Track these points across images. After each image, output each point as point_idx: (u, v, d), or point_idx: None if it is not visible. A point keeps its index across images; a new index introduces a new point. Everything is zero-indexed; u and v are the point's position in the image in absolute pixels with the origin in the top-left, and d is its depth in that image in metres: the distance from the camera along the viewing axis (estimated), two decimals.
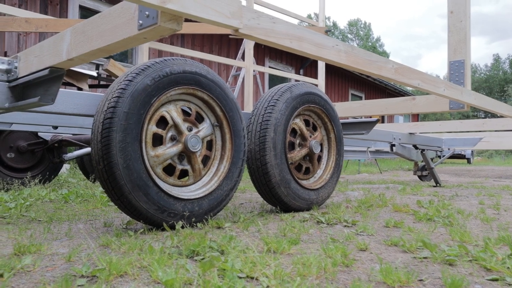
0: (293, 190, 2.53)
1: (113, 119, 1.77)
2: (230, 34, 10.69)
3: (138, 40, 1.08)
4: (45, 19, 4.05)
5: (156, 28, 0.98)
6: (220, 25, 1.05)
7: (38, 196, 3.09)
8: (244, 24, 1.11)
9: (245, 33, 1.12)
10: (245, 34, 1.13)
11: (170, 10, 0.94)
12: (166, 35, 1.02)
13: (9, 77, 1.76)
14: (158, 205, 1.87)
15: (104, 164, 1.77)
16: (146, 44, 4.12)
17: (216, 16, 1.03)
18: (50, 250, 1.55)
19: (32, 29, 3.90)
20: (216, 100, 2.13)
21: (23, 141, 3.72)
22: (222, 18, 1.04)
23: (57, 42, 1.43)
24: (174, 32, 1.00)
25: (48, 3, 7.66)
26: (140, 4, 0.91)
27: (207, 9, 1.01)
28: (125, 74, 1.87)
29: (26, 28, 3.83)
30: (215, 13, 1.03)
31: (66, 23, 4.28)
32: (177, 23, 0.99)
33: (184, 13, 0.97)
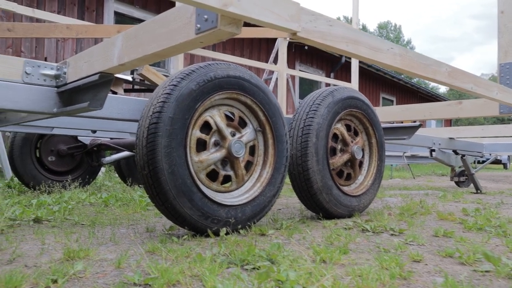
0: (335, 196, 2.47)
1: (159, 124, 1.76)
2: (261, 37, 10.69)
3: (194, 45, 1.06)
4: (85, 25, 4.12)
5: (215, 32, 0.96)
6: (279, 29, 1.01)
7: (78, 199, 3.13)
8: (302, 27, 1.07)
9: (303, 37, 1.08)
10: (302, 38, 1.09)
11: (231, 13, 0.92)
12: (224, 39, 0.99)
13: (58, 83, 1.78)
14: (202, 211, 1.85)
15: (149, 170, 1.77)
16: None
17: (275, 19, 0.99)
18: (98, 256, 1.54)
19: (73, 35, 3.97)
20: (259, 105, 2.10)
21: (63, 145, 3.79)
22: (281, 21, 1.01)
23: (108, 48, 1.42)
24: (233, 36, 0.97)
25: (85, 9, 7.83)
26: (200, 7, 0.89)
27: (267, 12, 0.98)
28: (169, 79, 1.86)
29: (67, 34, 3.90)
30: (274, 16, 1.00)
31: (104, 29, 4.35)
32: (237, 27, 0.96)
33: (245, 16, 0.94)
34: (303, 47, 12.83)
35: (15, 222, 2.23)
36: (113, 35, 4.41)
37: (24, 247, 1.72)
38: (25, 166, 3.56)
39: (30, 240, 1.85)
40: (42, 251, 1.64)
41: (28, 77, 1.73)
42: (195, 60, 9.46)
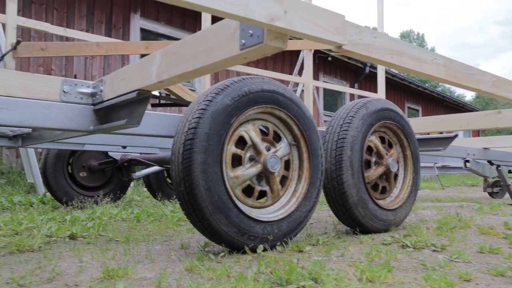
0: (371, 210, 2.41)
1: (194, 140, 1.74)
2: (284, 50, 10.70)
3: (238, 60, 1.04)
4: (114, 43, 4.19)
5: (261, 47, 0.94)
6: (325, 42, 0.99)
7: (110, 215, 3.14)
8: (348, 40, 1.04)
9: (348, 50, 1.05)
10: (347, 51, 1.06)
11: (277, 28, 0.90)
12: (269, 54, 0.97)
13: (94, 101, 1.79)
14: (239, 227, 1.82)
15: (186, 186, 1.75)
16: None
17: (321, 32, 0.97)
18: (137, 274, 1.53)
19: (102, 52, 4.04)
20: (294, 119, 2.07)
21: (94, 161, 3.83)
22: (327, 35, 0.98)
23: (145, 65, 1.42)
24: (279, 51, 0.95)
25: (112, 27, 7.99)
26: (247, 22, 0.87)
27: (313, 26, 0.95)
28: (204, 94, 1.85)
29: (97, 52, 3.97)
30: (320, 29, 0.97)
31: (132, 46, 4.41)
32: (283, 41, 0.94)
33: (292, 30, 0.92)
34: (327, 58, 12.78)
35: (51, 238, 2.24)
36: (141, 51, 4.47)
37: (62, 264, 1.72)
38: (58, 182, 3.60)
39: (68, 258, 1.85)
40: (81, 269, 1.64)
41: (65, 96, 1.74)
42: (219, 75, 9.52)
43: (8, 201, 3.98)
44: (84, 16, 7.61)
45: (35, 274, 1.59)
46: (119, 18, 8.13)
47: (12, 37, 3.61)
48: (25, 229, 2.48)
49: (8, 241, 2.16)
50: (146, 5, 8.54)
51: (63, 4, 7.36)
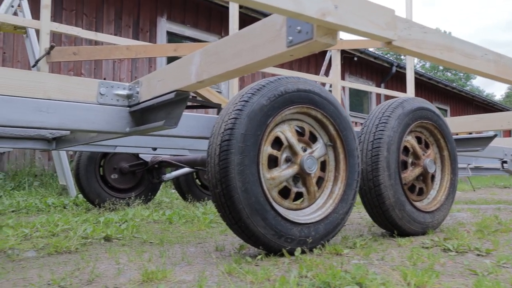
0: (408, 212, 2.34)
1: (231, 141, 1.72)
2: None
3: (283, 58, 1.01)
4: (143, 45, 4.22)
5: (310, 44, 0.91)
6: (375, 38, 0.95)
7: (142, 217, 3.15)
8: (398, 36, 1.00)
9: (398, 46, 1.01)
10: (397, 47, 1.02)
11: (328, 23, 0.86)
12: (317, 51, 0.94)
13: (130, 102, 1.79)
14: (276, 230, 1.79)
15: (222, 188, 1.73)
16: None
17: (372, 28, 0.93)
18: (176, 277, 1.51)
19: (132, 56, 4.07)
20: (330, 119, 2.03)
21: (125, 163, 3.86)
22: (378, 30, 0.95)
23: (184, 65, 1.41)
24: (328, 47, 0.92)
25: (139, 31, 8.08)
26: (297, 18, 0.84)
27: (364, 21, 0.91)
28: (239, 95, 1.83)
29: (127, 55, 4.01)
30: (371, 24, 0.93)
31: (161, 48, 4.44)
32: (332, 38, 0.91)
33: (342, 26, 0.88)
34: (352, 58, 12.64)
35: (87, 240, 2.25)
36: (170, 53, 4.50)
37: (100, 266, 1.72)
38: (90, 184, 3.65)
39: (105, 259, 1.85)
40: (119, 271, 1.63)
41: (102, 98, 1.74)
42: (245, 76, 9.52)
43: (42, 203, 4.05)
44: (112, 21, 7.72)
45: (74, 275, 1.59)
46: (146, 22, 8.22)
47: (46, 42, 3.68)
48: (61, 231, 2.50)
49: (46, 243, 2.18)
50: (172, 9, 8.62)
51: (92, 9, 7.49)
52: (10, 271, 1.68)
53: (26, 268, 1.73)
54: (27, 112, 1.60)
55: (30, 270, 1.69)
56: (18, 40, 6.54)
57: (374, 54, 13.19)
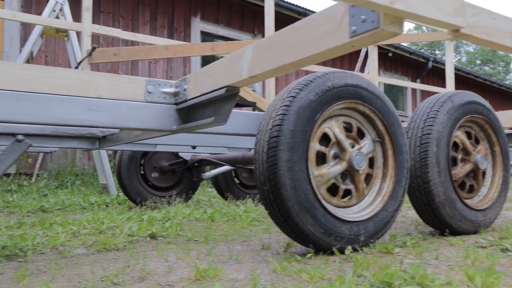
0: (459, 210, 2.25)
1: (280, 137, 1.69)
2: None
3: (344, 49, 0.98)
4: (181, 45, 4.25)
5: (376, 33, 0.87)
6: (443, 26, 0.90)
7: (183, 215, 3.17)
8: (467, 23, 0.95)
9: (466, 33, 0.96)
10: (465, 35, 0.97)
11: (396, 11, 0.82)
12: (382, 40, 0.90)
13: (177, 100, 1.79)
14: (325, 228, 1.75)
15: (271, 185, 1.70)
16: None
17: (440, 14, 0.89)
18: (227, 275, 1.50)
19: (170, 55, 4.11)
20: (378, 114, 1.97)
21: (165, 161, 3.90)
22: (446, 17, 0.90)
23: (234, 61, 1.39)
24: (394, 36, 0.88)
25: (174, 31, 8.17)
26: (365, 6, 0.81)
27: (432, 8, 0.87)
28: (287, 91, 1.80)
29: (165, 55, 4.04)
30: (439, 11, 0.89)
31: (198, 47, 4.46)
32: (399, 26, 0.87)
33: (411, 13, 0.84)
34: (387, 54, 12.40)
35: (133, 238, 2.28)
36: (207, 52, 4.51)
37: (149, 264, 1.72)
38: (131, 183, 3.70)
39: (153, 257, 1.86)
40: (169, 269, 1.63)
41: (150, 96, 1.75)
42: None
43: (85, 201, 4.14)
44: (147, 22, 7.83)
45: (126, 272, 1.60)
46: (180, 22, 8.30)
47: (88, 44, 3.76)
48: (107, 228, 2.54)
49: (94, 240, 2.21)
50: (205, 8, 8.67)
51: (128, 11, 7.62)
52: (64, 267, 1.71)
53: (78, 265, 1.76)
54: (79, 111, 1.62)
55: (83, 267, 1.72)
56: (59, 44, 6.72)
57: (409, 49, 12.90)
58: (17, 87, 1.54)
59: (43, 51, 6.54)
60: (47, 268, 1.71)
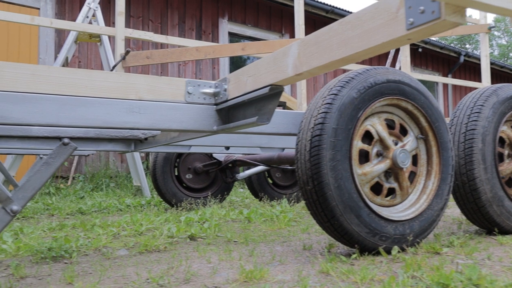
0: (507, 208, 2.17)
1: (322, 136, 1.66)
2: None
3: (400, 43, 0.94)
4: (212, 46, 4.26)
5: (437, 24, 0.83)
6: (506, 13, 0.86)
7: (219, 216, 3.16)
8: None
9: None
10: None
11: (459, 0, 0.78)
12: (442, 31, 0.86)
13: (217, 100, 1.77)
14: (370, 227, 1.71)
15: (314, 185, 1.67)
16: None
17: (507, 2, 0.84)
18: (273, 277, 1.47)
19: (201, 57, 4.12)
20: (421, 110, 1.91)
21: (199, 163, 3.91)
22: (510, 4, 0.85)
23: (278, 59, 1.37)
24: (455, 26, 0.84)
25: (202, 33, 8.22)
26: None
27: None
28: (328, 88, 1.77)
29: (197, 56, 4.06)
30: None
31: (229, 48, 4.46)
32: (461, 16, 0.82)
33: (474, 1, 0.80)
34: (417, 49, 12.15)
35: (173, 239, 2.28)
36: (238, 53, 4.51)
37: (192, 265, 1.72)
38: (166, 184, 3.73)
39: (195, 258, 1.86)
40: (214, 270, 1.62)
41: (190, 97, 1.75)
42: None
43: (120, 203, 4.20)
44: (176, 25, 7.90)
45: (170, 274, 1.60)
46: (208, 24, 8.34)
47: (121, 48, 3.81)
48: (146, 230, 2.56)
49: (135, 241, 2.23)
50: (233, 9, 8.69)
51: (157, 15, 7.71)
52: (108, 269, 1.73)
53: (122, 266, 1.77)
54: (121, 113, 1.63)
55: (127, 268, 1.73)
56: (91, 49, 6.85)
57: (439, 43, 12.60)
58: (61, 91, 1.56)
59: (76, 56, 6.68)
60: (93, 270, 1.73)
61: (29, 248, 2.05)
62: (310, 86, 9.42)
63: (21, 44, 6.32)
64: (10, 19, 3.83)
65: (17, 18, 3.89)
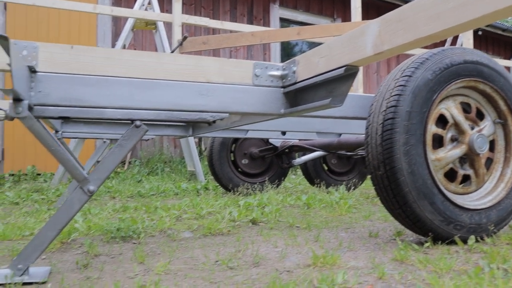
0: None
1: (395, 119, 1.60)
2: None
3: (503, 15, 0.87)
4: (267, 31, 4.22)
5: None
6: None
7: (276, 201, 3.15)
8: None
9: None
10: None
11: None
12: None
13: (284, 83, 1.74)
14: (444, 215, 1.63)
15: (386, 170, 1.62)
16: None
17: None
18: (345, 263, 1.44)
19: (257, 42, 4.09)
20: (500, 93, 1.80)
21: (254, 148, 3.91)
22: None
23: (355, 38, 1.31)
24: None
25: (253, 19, 8.18)
26: None
27: None
28: (400, 70, 1.70)
29: (252, 41, 4.04)
30: None
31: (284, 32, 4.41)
32: None
33: None
34: (477, 32, 11.56)
35: (235, 223, 2.29)
36: (294, 37, 4.45)
37: (259, 249, 1.71)
38: (223, 169, 3.75)
39: (260, 242, 1.85)
40: (282, 255, 1.61)
41: (257, 79, 1.72)
42: None
43: (176, 187, 4.28)
44: (228, 11, 7.91)
45: (238, 257, 1.60)
46: (259, 9, 8.29)
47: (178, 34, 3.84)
48: (207, 214, 2.58)
49: (198, 224, 2.26)
50: None
51: (209, 1, 7.74)
52: (176, 250, 1.75)
53: (189, 248, 1.79)
54: (190, 96, 1.63)
55: (194, 250, 1.74)
56: (146, 37, 6.99)
57: (502, 26, 11.92)
58: (132, 74, 1.58)
59: (132, 44, 6.83)
60: (161, 250, 1.76)
61: (98, 228, 2.11)
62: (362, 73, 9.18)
63: (80, 34, 6.53)
64: (73, 8, 3.96)
65: (80, 7, 4.01)
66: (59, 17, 6.35)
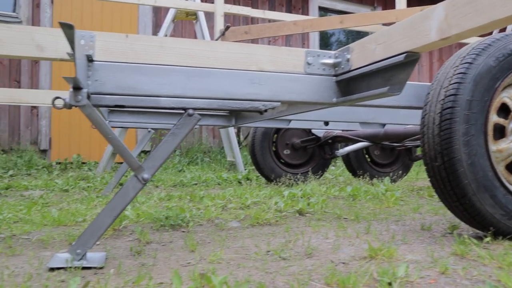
0: None
1: (455, 108, 1.53)
2: None
3: None
4: (310, 20, 4.16)
5: None
6: None
7: (320, 192, 3.11)
8: None
9: None
10: None
11: None
12: None
13: (337, 71, 1.70)
14: (506, 209, 1.56)
15: (444, 161, 1.55)
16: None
17: None
18: (403, 257, 1.40)
19: (299, 31, 4.04)
20: None
21: (296, 138, 3.88)
22: None
23: (417, 23, 1.26)
24: None
25: (292, 8, 8.10)
26: None
27: None
28: (459, 57, 1.62)
29: (294, 30, 3.98)
30: None
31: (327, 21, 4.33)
32: None
33: None
34: None
35: (281, 213, 2.28)
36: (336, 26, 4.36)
37: (310, 240, 1.69)
38: (265, 159, 3.74)
39: (311, 233, 1.83)
40: (334, 246, 1.58)
41: (309, 68, 1.69)
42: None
43: (217, 177, 4.30)
44: (266, 1, 7.85)
45: (289, 248, 1.58)
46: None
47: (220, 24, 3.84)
48: (252, 204, 2.58)
49: (244, 214, 2.26)
50: None
51: None
52: (225, 239, 1.75)
53: (238, 237, 1.79)
54: (243, 84, 1.62)
55: (244, 240, 1.74)
56: (185, 28, 7.04)
57: None
58: (186, 62, 1.58)
59: (172, 35, 6.89)
60: (210, 239, 1.76)
61: (147, 216, 2.15)
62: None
63: (122, 25, 6.64)
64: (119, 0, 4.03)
65: None
66: (102, 9, 6.47)
